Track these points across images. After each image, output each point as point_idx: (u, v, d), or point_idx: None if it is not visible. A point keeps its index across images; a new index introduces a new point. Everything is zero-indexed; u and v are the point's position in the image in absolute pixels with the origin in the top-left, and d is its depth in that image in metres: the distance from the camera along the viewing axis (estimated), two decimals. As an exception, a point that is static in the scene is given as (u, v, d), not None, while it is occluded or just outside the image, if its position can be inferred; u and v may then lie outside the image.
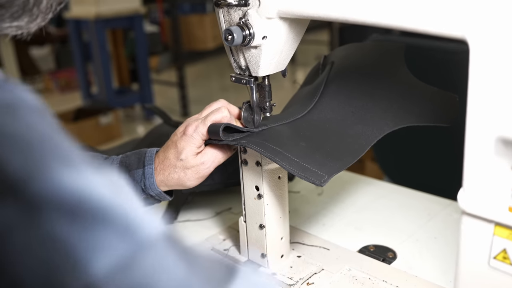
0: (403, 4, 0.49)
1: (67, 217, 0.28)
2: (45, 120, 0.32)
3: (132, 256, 0.29)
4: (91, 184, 0.30)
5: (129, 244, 0.30)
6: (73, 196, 0.29)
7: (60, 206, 0.29)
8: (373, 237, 0.86)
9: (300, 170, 0.63)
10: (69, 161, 0.30)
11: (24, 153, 0.29)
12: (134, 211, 0.31)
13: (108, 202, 0.30)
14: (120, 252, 0.29)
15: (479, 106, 0.45)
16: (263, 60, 0.67)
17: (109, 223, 0.29)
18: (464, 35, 0.45)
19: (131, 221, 0.31)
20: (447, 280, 0.73)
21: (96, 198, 0.30)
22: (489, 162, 0.46)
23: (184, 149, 0.69)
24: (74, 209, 0.29)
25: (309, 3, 0.59)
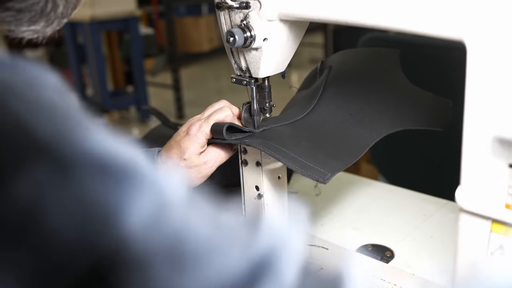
0: (402, 6, 0.50)
1: (97, 176, 0.30)
2: (67, 98, 0.34)
3: (160, 213, 0.30)
4: (117, 147, 0.31)
5: (157, 200, 0.31)
6: (101, 156, 0.30)
7: (89, 165, 0.30)
8: (371, 237, 0.87)
9: (303, 168, 0.65)
10: (93, 128, 0.32)
11: (52, 119, 0.31)
12: (157, 172, 0.33)
13: (135, 162, 0.31)
14: (148, 208, 0.30)
15: (476, 106, 0.47)
16: (263, 62, 0.68)
17: (137, 181, 0.30)
18: (462, 37, 0.46)
19: (156, 179, 0.32)
20: (444, 278, 0.75)
21: (123, 158, 0.31)
22: (486, 161, 0.47)
23: (188, 149, 0.70)
24: (103, 168, 0.30)
25: (309, 6, 0.60)
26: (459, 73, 1.42)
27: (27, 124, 0.30)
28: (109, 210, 0.29)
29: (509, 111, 0.44)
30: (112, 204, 0.29)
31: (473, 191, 0.49)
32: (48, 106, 0.32)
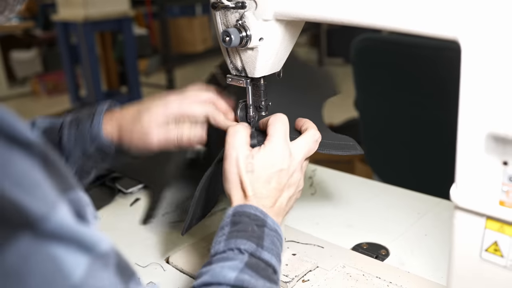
0: (396, 6, 0.51)
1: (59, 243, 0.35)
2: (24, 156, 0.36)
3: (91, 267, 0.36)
4: (66, 219, 0.36)
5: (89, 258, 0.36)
6: (55, 226, 0.35)
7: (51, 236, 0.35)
8: (366, 235, 0.88)
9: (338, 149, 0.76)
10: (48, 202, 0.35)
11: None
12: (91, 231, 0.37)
13: (73, 228, 0.36)
14: (84, 265, 0.35)
15: (471, 104, 0.47)
16: (259, 61, 0.69)
17: (76, 243, 0.35)
18: (456, 36, 0.47)
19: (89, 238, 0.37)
20: (439, 276, 0.75)
21: (68, 226, 0.36)
22: (480, 158, 0.48)
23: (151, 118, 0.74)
24: (60, 236, 0.35)
25: (305, 5, 0.60)
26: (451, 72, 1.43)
27: None
28: (65, 268, 0.35)
29: (503, 108, 0.45)
30: (66, 262, 0.36)
31: (468, 188, 0.49)
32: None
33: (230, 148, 0.66)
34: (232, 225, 0.60)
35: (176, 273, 0.80)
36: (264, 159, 0.65)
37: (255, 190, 0.64)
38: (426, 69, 1.50)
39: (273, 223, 0.62)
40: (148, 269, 0.81)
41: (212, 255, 0.59)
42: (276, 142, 0.66)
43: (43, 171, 0.36)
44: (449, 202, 0.96)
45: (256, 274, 0.55)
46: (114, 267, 0.38)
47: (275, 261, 0.60)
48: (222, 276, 0.54)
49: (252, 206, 0.62)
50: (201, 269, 0.57)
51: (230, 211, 0.63)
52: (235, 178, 0.65)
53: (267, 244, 0.59)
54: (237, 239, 0.58)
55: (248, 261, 0.56)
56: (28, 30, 5.93)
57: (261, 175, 0.64)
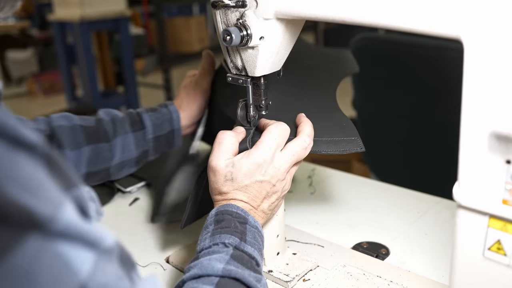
0: (399, 4, 0.51)
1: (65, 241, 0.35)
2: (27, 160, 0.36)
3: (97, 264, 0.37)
4: (72, 218, 0.37)
5: (95, 253, 0.37)
6: (62, 226, 0.35)
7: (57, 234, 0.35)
8: (366, 234, 0.88)
9: (335, 146, 0.73)
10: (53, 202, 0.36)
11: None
12: (96, 228, 0.38)
13: (79, 226, 0.37)
14: (90, 260, 0.36)
15: (474, 103, 0.47)
16: (260, 60, 0.68)
17: (82, 240, 0.36)
18: (459, 35, 0.47)
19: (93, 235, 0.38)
20: (439, 275, 0.75)
21: (74, 225, 0.37)
22: (483, 157, 0.48)
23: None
24: (67, 235, 0.35)
25: (306, 4, 0.60)
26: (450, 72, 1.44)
27: None
28: (72, 266, 0.35)
29: (506, 106, 0.45)
30: (73, 260, 0.36)
31: (471, 187, 0.49)
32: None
33: (213, 156, 0.68)
34: (216, 223, 0.63)
35: (176, 273, 0.79)
36: (246, 168, 0.66)
37: (236, 196, 0.67)
38: (424, 69, 1.50)
39: (254, 221, 0.65)
40: (148, 268, 0.81)
41: (198, 251, 0.61)
42: (262, 152, 0.67)
43: (48, 171, 0.36)
44: (449, 201, 0.97)
45: (242, 265, 0.58)
46: (118, 259, 0.40)
47: (257, 254, 0.63)
48: (210, 267, 0.56)
49: (234, 205, 0.65)
50: (189, 264, 0.60)
51: (213, 212, 0.66)
52: (215, 185, 0.67)
53: (250, 239, 0.62)
54: (221, 234, 0.61)
55: (233, 253, 0.59)
56: (24, 30, 5.91)
57: (242, 183, 0.66)
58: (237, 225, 0.62)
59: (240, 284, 0.56)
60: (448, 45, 1.40)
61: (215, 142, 0.69)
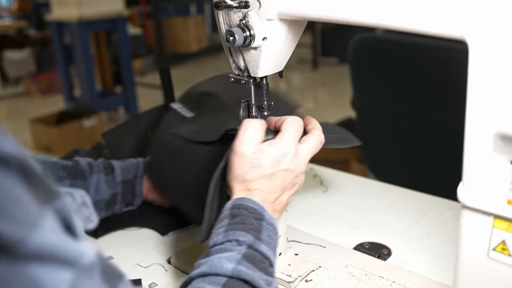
0: (403, 5, 0.51)
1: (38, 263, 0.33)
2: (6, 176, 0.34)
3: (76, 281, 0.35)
4: (48, 237, 0.34)
5: (73, 272, 0.35)
6: (34, 247, 0.33)
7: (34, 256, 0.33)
8: (368, 235, 0.88)
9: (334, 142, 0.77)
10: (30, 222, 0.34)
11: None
12: (75, 244, 0.36)
13: (54, 244, 0.35)
14: (67, 281, 0.34)
15: (479, 103, 0.47)
16: (262, 61, 0.68)
17: (58, 260, 0.34)
18: (464, 36, 0.47)
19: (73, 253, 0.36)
20: (442, 275, 0.75)
21: (49, 244, 0.34)
22: (488, 157, 0.48)
23: None
24: (39, 256, 0.33)
25: (309, 5, 0.60)
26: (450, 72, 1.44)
27: None
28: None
29: (511, 107, 0.45)
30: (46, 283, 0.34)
31: (475, 187, 0.49)
32: None
33: (239, 141, 0.66)
34: (231, 218, 0.61)
35: (178, 274, 0.79)
36: (273, 155, 0.65)
37: (259, 185, 0.65)
38: (423, 69, 1.50)
39: (270, 218, 0.63)
40: (150, 269, 0.80)
41: (211, 246, 0.59)
42: (287, 141, 0.66)
43: (24, 185, 0.34)
44: (450, 202, 0.97)
45: (253, 266, 0.56)
46: (99, 275, 0.38)
47: (272, 254, 0.60)
48: (219, 267, 0.54)
49: (250, 200, 0.63)
50: (199, 260, 0.58)
51: (228, 204, 0.63)
52: (240, 171, 0.65)
53: (265, 237, 0.60)
54: (235, 231, 0.59)
55: (246, 252, 0.57)
56: (21, 30, 5.89)
57: (268, 171, 0.65)
58: (253, 222, 0.60)
59: (249, 286, 0.54)
60: (447, 45, 1.41)
61: (241, 129, 0.67)
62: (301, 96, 4.88)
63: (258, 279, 0.55)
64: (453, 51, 1.39)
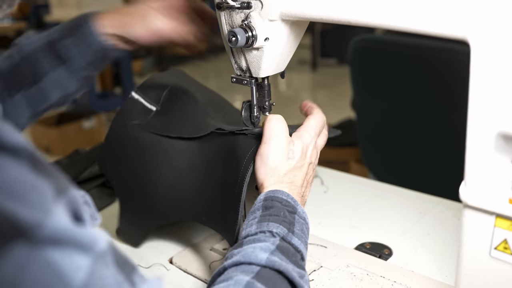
0: (405, 5, 0.51)
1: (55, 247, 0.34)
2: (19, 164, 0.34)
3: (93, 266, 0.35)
4: (62, 222, 0.35)
5: (90, 258, 0.35)
6: (51, 231, 0.34)
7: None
8: (368, 235, 0.88)
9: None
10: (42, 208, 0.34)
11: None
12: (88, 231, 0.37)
13: (70, 230, 0.35)
14: (85, 266, 0.35)
15: (480, 103, 0.48)
16: (264, 62, 0.69)
17: (74, 245, 0.34)
18: (466, 36, 0.47)
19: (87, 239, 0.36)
20: (443, 275, 0.76)
21: (65, 229, 0.35)
22: (489, 157, 0.48)
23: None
24: (56, 240, 0.34)
25: (311, 5, 0.61)
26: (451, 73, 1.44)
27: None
28: (63, 273, 0.34)
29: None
30: (65, 267, 0.34)
31: (477, 187, 0.50)
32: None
33: (272, 134, 0.66)
34: (264, 209, 0.61)
35: (180, 274, 0.79)
36: (302, 147, 0.66)
37: (292, 178, 0.65)
38: (424, 69, 1.51)
39: (302, 212, 0.63)
40: (152, 269, 0.81)
41: (243, 237, 0.59)
42: (312, 134, 0.68)
43: (35, 174, 0.34)
44: (450, 202, 0.98)
45: (286, 258, 0.55)
46: (114, 263, 0.38)
47: (303, 248, 0.60)
48: (254, 256, 0.54)
49: (284, 192, 0.63)
50: (231, 251, 0.57)
51: (261, 196, 0.63)
52: (276, 164, 0.65)
53: (297, 231, 0.60)
54: (269, 222, 0.58)
55: (280, 244, 0.56)
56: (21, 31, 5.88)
57: (299, 163, 0.66)
58: (286, 214, 0.60)
59: (282, 277, 0.53)
60: (447, 46, 1.41)
61: (270, 122, 0.67)
62: (300, 97, 4.88)
63: (291, 271, 0.54)
64: (453, 52, 1.39)
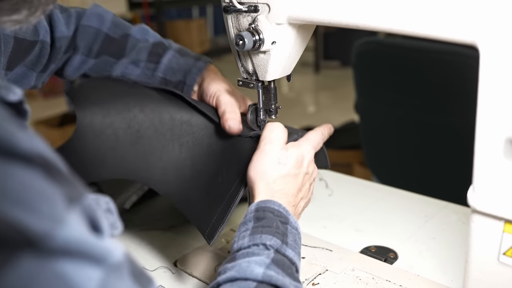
0: (414, 10, 0.51)
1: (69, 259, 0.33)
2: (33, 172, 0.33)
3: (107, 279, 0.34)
4: (75, 232, 0.33)
5: (102, 270, 0.34)
6: (61, 242, 0.32)
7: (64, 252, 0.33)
8: (374, 238, 0.88)
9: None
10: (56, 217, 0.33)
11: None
12: (103, 241, 0.36)
13: (82, 240, 0.34)
14: (97, 279, 0.33)
15: (489, 109, 0.47)
16: (271, 65, 0.69)
17: (86, 256, 0.33)
18: (475, 41, 0.47)
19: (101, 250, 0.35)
20: (449, 279, 0.76)
21: (77, 240, 0.34)
22: (498, 162, 0.48)
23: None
24: (67, 251, 0.33)
25: (319, 9, 0.61)
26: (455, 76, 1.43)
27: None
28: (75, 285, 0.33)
29: (522, 113, 0.45)
30: (77, 279, 0.33)
31: (486, 192, 0.50)
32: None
33: (266, 140, 0.67)
34: (256, 221, 0.60)
35: (184, 277, 0.79)
36: (297, 156, 0.66)
37: (284, 185, 0.64)
38: (427, 72, 1.50)
39: (294, 222, 0.62)
40: (157, 272, 0.80)
41: (236, 250, 0.58)
42: (310, 145, 0.68)
43: (48, 182, 0.33)
44: (456, 206, 0.97)
45: (282, 271, 0.54)
46: (129, 276, 0.37)
47: (297, 259, 0.59)
48: (249, 271, 0.53)
49: (276, 202, 0.62)
50: (224, 265, 0.56)
51: (252, 207, 0.62)
52: (266, 168, 0.64)
53: (291, 242, 0.59)
54: (262, 234, 0.57)
55: (274, 257, 0.55)
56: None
57: (292, 171, 0.65)
58: (279, 225, 0.59)
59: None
60: (451, 49, 1.41)
61: (266, 129, 0.68)
62: (303, 99, 4.88)
63: (288, 285, 0.53)
64: (457, 55, 1.39)
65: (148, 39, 0.85)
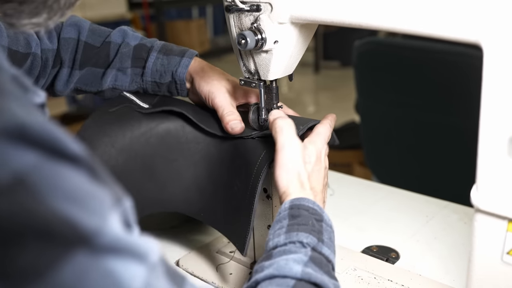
0: (418, 9, 0.51)
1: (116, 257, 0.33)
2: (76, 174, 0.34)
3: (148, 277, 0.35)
4: (120, 231, 0.34)
5: (145, 267, 0.35)
6: (110, 239, 0.33)
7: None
8: (375, 238, 0.88)
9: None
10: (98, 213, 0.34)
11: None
12: (142, 240, 0.36)
13: (127, 238, 0.35)
14: (141, 276, 0.34)
15: (493, 108, 0.47)
16: (273, 64, 0.69)
17: (131, 254, 0.34)
18: (479, 40, 0.47)
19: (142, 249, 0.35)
20: (451, 278, 0.75)
21: (121, 238, 0.34)
22: (502, 161, 0.48)
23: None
24: (115, 249, 0.33)
25: (321, 8, 0.61)
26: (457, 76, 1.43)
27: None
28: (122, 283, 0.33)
29: (526, 112, 0.45)
30: (124, 276, 0.33)
31: (489, 191, 0.50)
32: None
33: (285, 139, 0.64)
34: (291, 218, 0.59)
35: (186, 276, 0.79)
36: (316, 152, 0.66)
37: (314, 183, 0.64)
38: (429, 72, 1.50)
39: (328, 219, 0.62)
40: (159, 272, 0.80)
41: (272, 247, 0.57)
42: (324, 140, 0.68)
43: (94, 182, 0.35)
44: (456, 205, 0.97)
45: (320, 269, 0.54)
46: (165, 275, 0.37)
47: (333, 257, 0.59)
48: (288, 269, 0.52)
49: (310, 200, 0.61)
50: (261, 263, 0.55)
51: (286, 204, 0.61)
52: (296, 169, 0.63)
53: (326, 240, 0.58)
54: (298, 232, 0.57)
55: (312, 255, 0.54)
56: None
57: (315, 167, 0.65)
58: (314, 223, 0.58)
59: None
60: (452, 49, 1.41)
61: (277, 125, 0.66)
62: (303, 99, 4.88)
63: (328, 282, 0.53)
64: (458, 55, 1.39)
65: (129, 42, 0.84)
